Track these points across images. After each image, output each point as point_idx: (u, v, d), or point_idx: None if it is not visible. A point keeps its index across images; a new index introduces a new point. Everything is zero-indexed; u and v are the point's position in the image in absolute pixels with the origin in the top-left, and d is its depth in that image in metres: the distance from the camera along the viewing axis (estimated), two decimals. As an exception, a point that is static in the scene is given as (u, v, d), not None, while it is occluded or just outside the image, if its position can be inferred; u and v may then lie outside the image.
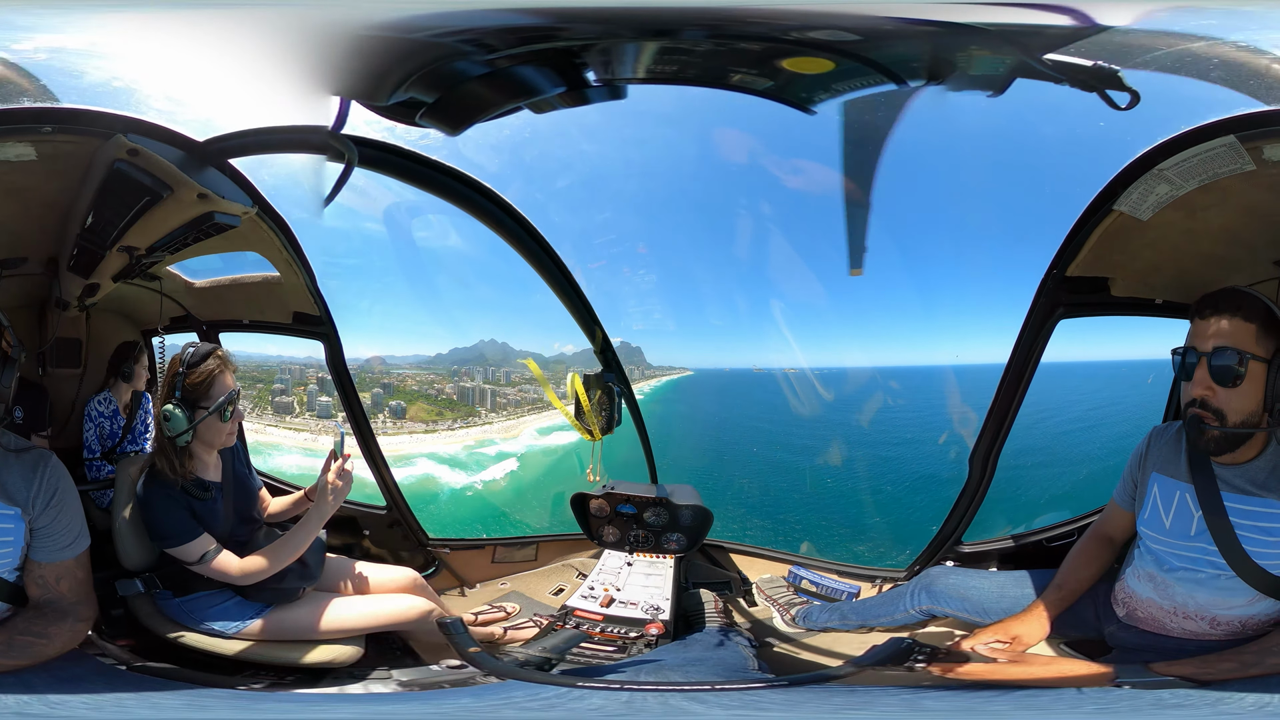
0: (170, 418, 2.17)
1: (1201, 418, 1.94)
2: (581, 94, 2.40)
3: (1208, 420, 1.94)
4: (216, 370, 2.21)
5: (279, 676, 2.23)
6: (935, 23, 2.10)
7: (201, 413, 2.18)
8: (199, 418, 2.19)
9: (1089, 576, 2.21)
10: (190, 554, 2.19)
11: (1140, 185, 2.17)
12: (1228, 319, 1.92)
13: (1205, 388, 1.94)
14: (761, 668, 2.29)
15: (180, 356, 2.22)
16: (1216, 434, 1.94)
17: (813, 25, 2.15)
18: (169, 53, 2.24)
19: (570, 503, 2.95)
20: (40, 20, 2.18)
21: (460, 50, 2.30)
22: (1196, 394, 1.95)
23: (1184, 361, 1.98)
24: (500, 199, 2.81)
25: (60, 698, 1.84)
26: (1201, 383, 1.94)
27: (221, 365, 2.23)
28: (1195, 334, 1.97)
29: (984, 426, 2.58)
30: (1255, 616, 1.96)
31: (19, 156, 2.18)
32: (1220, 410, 1.93)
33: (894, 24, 2.12)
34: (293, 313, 2.82)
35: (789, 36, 2.18)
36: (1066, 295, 2.40)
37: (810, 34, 2.16)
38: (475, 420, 3.36)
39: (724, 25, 2.18)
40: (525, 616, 2.78)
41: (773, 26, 2.17)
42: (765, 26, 2.17)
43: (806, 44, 2.20)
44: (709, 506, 2.84)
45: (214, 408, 2.19)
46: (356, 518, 2.97)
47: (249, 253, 2.72)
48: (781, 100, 2.38)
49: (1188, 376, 1.97)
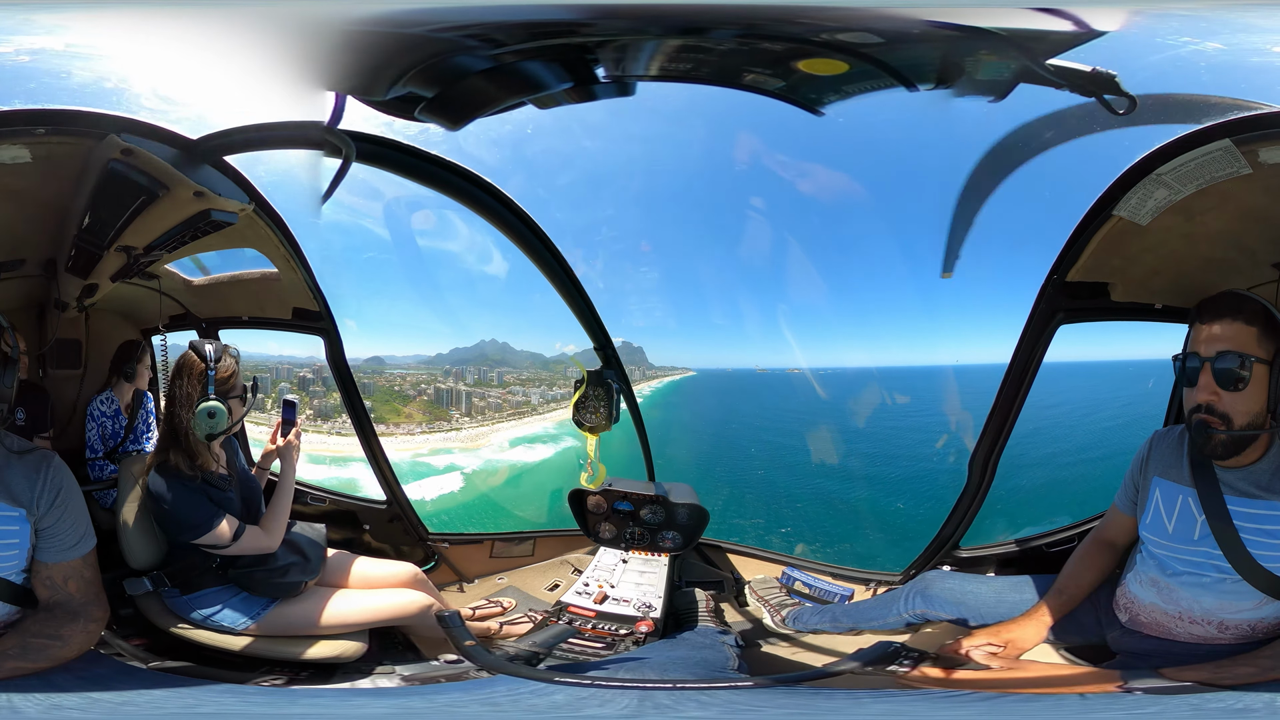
0: (215, 414, 2.24)
1: (1208, 423, 1.93)
2: (588, 90, 2.38)
3: (1214, 425, 1.92)
4: (233, 361, 2.32)
5: (293, 672, 2.28)
6: (951, 25, 2.09)
7: (235, 403, 2.30)
8: (236, 410, 2.31)
9: (1089, 582, 2.20)
10: (222, 536, 2.26)
11: (1139, 190, 2.15)
12: (1229, 323, 1.92)
13: (1210, 393, 1.92)
14: (742, 668, 2.30)
15: (199, 354, 2.29)
16: (1223, 438, 1.92)
17: (836, 27, 2.13)
18: (159, 50, 2.24)
19: (568, 499, 2.96)
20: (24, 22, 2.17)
21: (463, 45, 2.28)
22: (1201, 399, 1.94)
23: (1185, 367, 1.97)
24: (502, 194, 2.80)
25: (88, 697, 1.87)
26: (1206, 388, 1.93)
27: (234, 357, 2.34)
28: (1197, 339, 1.96)
29: (984, 430, 2.57)
30: (1265, 620, 1.95)
31: (14, 159, 2.19)
32: (1225, 414, 1.92)
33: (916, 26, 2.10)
34: (292, 308, 2.84)
35: (813, 38, 2.16)
36: (1066, 301, 2.39)
37: (832, 35, 2.14)
38: (442, 425, 3.16)
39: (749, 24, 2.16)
40: (520, 612, 2.81)
41: (797, 27, 2.15)
42: (789, 26, 2.15)
43: (828, 45, 2.17)
44: (706, 505, 2.85)
45: (249, 401, 2.34)
46: (357, 513, 2.99)
47: (247, 249, 2.73)
48: (790, 101, 2.36)
49: (1190, 382, 1.96)
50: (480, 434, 3.27)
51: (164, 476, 2.27)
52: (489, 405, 3.23)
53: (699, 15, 2.20)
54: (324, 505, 2.90)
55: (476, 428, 3.23)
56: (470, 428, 3.25)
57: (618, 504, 2.90)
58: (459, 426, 3.22)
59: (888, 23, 2.11)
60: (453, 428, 3.19)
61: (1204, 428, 1.94)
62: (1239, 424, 1.92)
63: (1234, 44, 2.00)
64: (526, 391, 3.26)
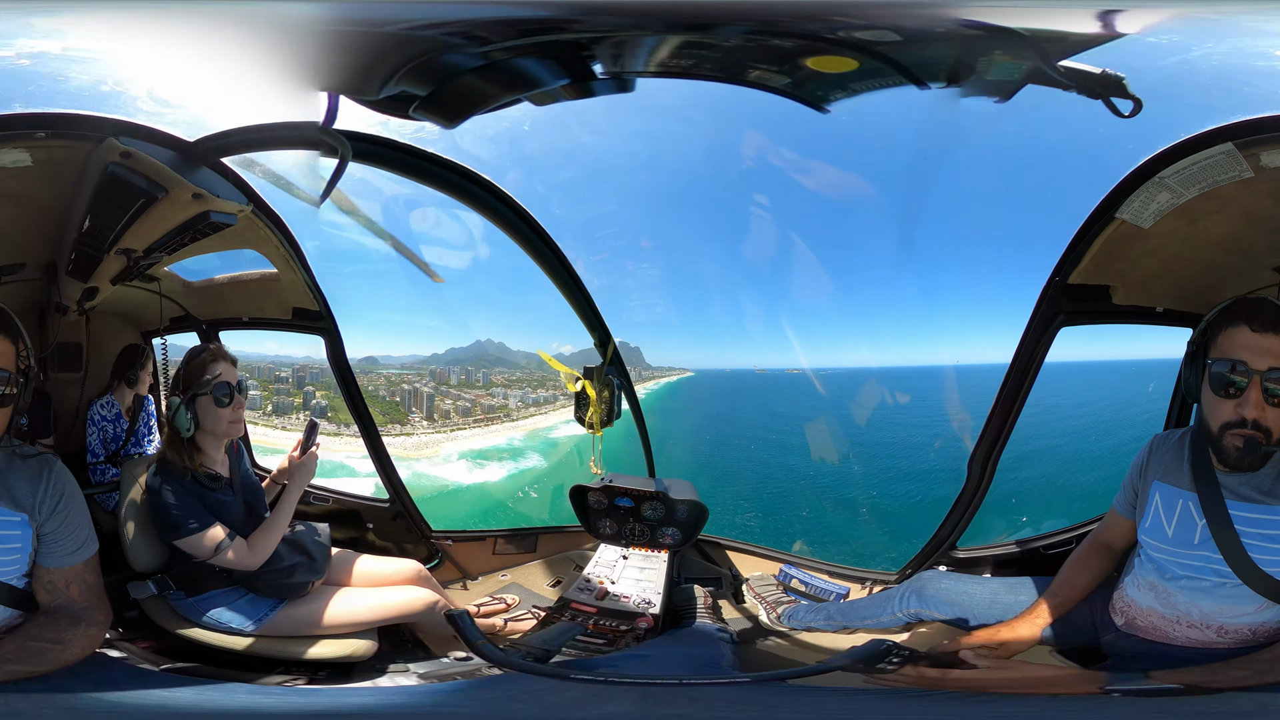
0: (172, 407, 2.30)
1: (1258, 440, 1.84)
2: (586, 86, 2.36)
3: (1262, 441, 1.84)
4: (208, 359, 2.33)
5: (310, 672, 2.31)
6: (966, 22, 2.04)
7: (204, 401, 2.29)
8: (206, 408, 2.29)
9: (1086, 584, 2.19)
10: (204, 546, 2.26)
11: (1142, 193, 2.12)
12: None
13: (1260, 408, 1.84)
14: (735, 665, 2.32)
15: (187, 355, 2.36)
16: (1270, 453, 1.85)
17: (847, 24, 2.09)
18: (155, 53, 2.23)
19: (569, 495, 2.98)
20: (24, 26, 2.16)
21: (456, 43, 2.26)
22: (1250, 415, 1.84)
23: (1214, 373, 1.86)
24: (500, 191, 2.79)
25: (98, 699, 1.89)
26: (1257, 403, 1.83)
27: (213, 354, 2.34)
28: (1243, 347, 1.85)
29: (983, 431, 2.57)
30: (1266, 624, 1.94)
31: (14, 163, 2.19)
32: (1269, 429, 1.85)
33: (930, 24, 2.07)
34: (292, 309, 2.84)
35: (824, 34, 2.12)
36: (1068, 303, 2.37)
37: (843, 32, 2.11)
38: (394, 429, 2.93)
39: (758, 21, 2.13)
40: (524, 608, 2.84)
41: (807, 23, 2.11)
42: (797, 23, 2.12)
43: (838, 42, 2.14)
44: (706, 502, 2.86)
45: (204, 389, 2.29)
46: (360, 511, 3.02)
47: (247, 250, 2.73)
48: (795, 98, 2.32)
49: (1227, 392, 1.86)
50: (432, 441, 3.06)
51: (159, 473, 2.31)
52: (457, 409, 3.05)
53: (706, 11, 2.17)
54: (327, 505, 2.93)
55: (432, 434, 3.05)
56: (425, 433, 3.06)
57: (618, 500, 2.91)
58: (410, 432, 3.03)
59: (903, 20, 2.07)
60: (403, 432, 3.02)
61: (1256, 445, 1.84)
62: (1277, 437, 1.85)
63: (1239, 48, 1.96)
64: (507, 394, 3.10)
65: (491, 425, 3.11)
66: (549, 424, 2.96)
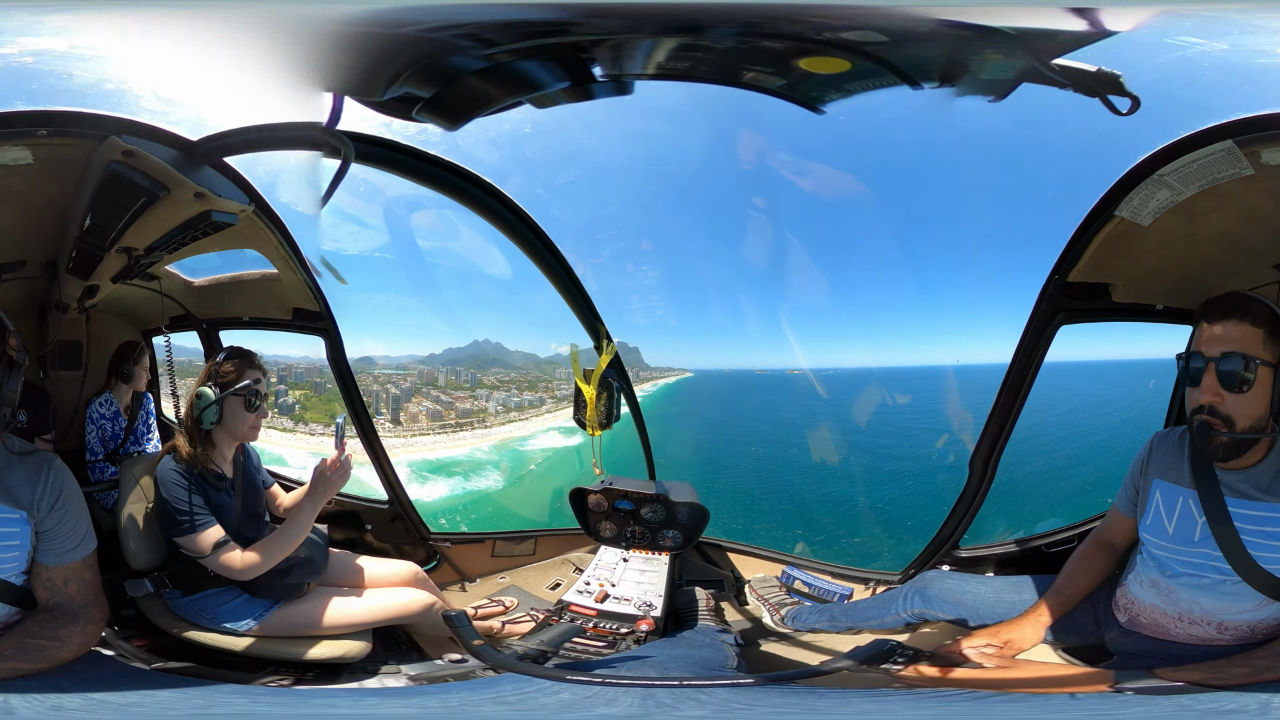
0: (200, 395, 2.34)
1: (1210, 424, 1.91)
2: (586, 88, 2.37)
3: (1217, 427, 1.90)
4: (248, 363, 2.41)
5: (300, 672, 2.28)
6: (957, 24, 2.06)
7: (234, 401, 2.35)
8: (234, 408, 2.35)
9: (1088, 582, 2.19)
10: (203, 545, 2.25)
11: (1141, 191, 2.14)
12: (1234, 324, 1.89)
13: (1214, 394, 1.90)
14: (740, 667, 2.30)
15: (221, 352, 2.43)
16: (1225, 440, 1.90)
17: (839, 25, 2.11)
18: (158, 52, 2.24)
19: (569, 497, 2.97)
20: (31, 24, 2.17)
21: (459, 45, 2.27)
22: (1204, 400, 1.91)
23: (1189, 367, 1.94)
24: (501, 193, 2.80)
25: (88, 698, 1.87)
26: (1210, 389, 1.90)
27: (252, 361, 2.42)
28: (1201, 339, 1.93)
29: (984, 430, 2.57)
30: (1265, 621, 1.94)
31: (16, 160, 2.19)
32: (1229, 416, 1.90)
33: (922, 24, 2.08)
34: (292, 309, 2.84)
35: (814, 35, 2.14)
36: (1067, 301, 2.38)
37: (834, 34, 2.12)
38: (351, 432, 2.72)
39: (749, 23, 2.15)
40: (523, 611, 2.82)
41: (799, 25, 2.13)
42: (790, 25, 2.14)
43: (830, 43, 2.16)
44: (706, 504, 2.85)
45: (239, 390, 2.35)
46: (359, 512, 3.00)
47: (247, 250, 2.73)
48: (791, 99, 2.34)
49: (1194, 382, 1.93)
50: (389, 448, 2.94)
51: (167, 461, 2.31)
52: (427, 413, 2.89)
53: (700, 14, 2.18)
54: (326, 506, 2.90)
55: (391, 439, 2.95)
56: (386, 437, 2.93)
57: (618, 503, 2.90)
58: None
59: (893, 21, 2.09)
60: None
61: (1206, 429, 1.92)
62: (1241, 426, 1.90)
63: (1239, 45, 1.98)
64: (490, 396, 2.97)
65: (460, 432, 3.01)
66: (525, 433, 2.90)
